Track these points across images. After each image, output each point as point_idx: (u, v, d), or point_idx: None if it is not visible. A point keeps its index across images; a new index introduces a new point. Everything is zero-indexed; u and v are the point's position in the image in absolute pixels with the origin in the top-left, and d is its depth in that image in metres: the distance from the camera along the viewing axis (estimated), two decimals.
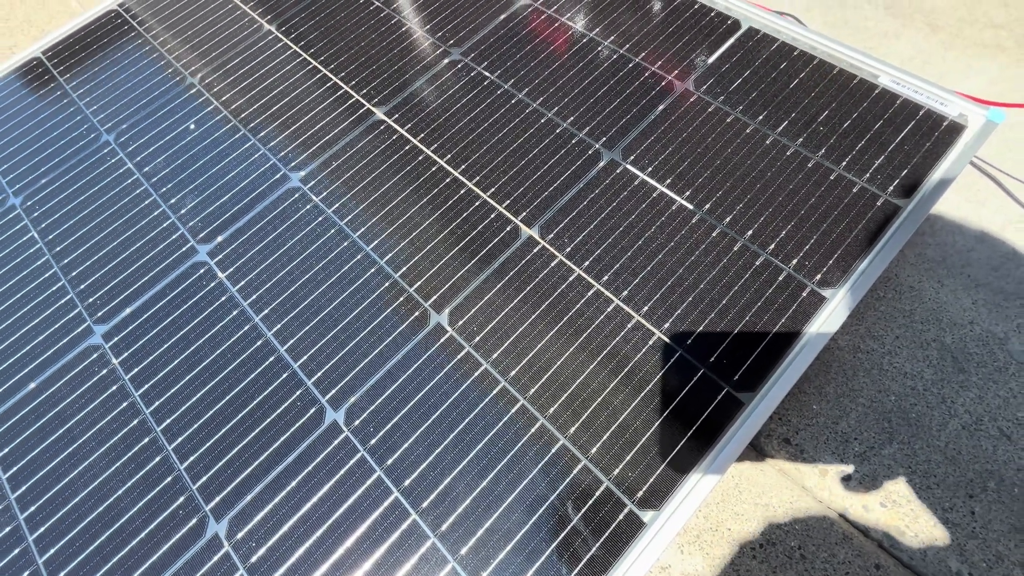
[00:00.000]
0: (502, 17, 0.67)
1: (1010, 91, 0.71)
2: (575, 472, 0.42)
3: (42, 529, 0.45)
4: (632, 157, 0.55)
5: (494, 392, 0.45)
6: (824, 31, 0.79)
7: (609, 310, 0.48)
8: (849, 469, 0.45)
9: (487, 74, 0.62)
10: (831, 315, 0.45)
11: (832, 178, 0.51)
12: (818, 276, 0.47)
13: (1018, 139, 0.64)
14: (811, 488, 0.45)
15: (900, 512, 0.43)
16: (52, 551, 0.44)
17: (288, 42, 0.70)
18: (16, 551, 0.44)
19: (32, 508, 0.46)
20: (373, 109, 0.62)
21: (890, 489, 0.44)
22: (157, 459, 0.46)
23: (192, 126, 0.65)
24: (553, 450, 0.43)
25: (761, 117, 0.55)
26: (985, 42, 0.76)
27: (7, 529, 0.45)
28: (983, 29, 0.77)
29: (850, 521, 0.43)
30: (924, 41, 0.77)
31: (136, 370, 0.50)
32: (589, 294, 0.49)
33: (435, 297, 0.50)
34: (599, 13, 0.65)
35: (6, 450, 0.49)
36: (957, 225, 0.58)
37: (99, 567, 0.43)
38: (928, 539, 0.42)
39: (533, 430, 0.44)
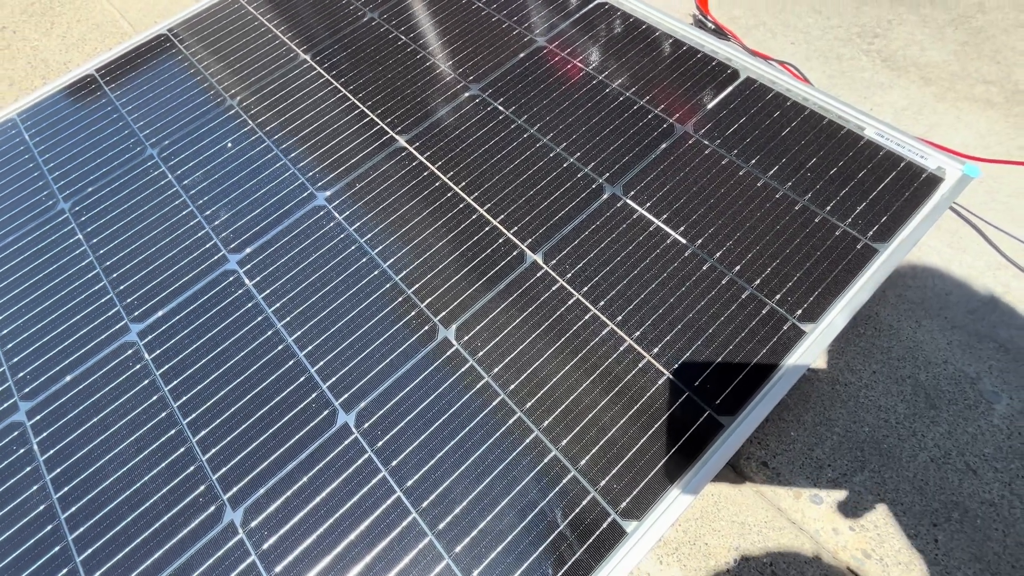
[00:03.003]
0: (520, 56, 0.73)
1: (997, 144, 0.75)
2: (564, 481, 0.45)
3: (73, 508, 0.49)
4: (633, 192, 0.59)
5: (493, 404, 0.49)
6: (822, 81, 0.83)
7: (604, 333, 0.52)
8: (822, 493, 0.48)
9: (502, 109, 0.68)
10: (809, 348, 0.49)
11: (816, 221, 0.55)
12: (799, 311, 0.51)
13: (1000, 190, 0.68)
14: (785, 510, 0.48)
15: (867, 536, 0.46)
16: (81, 529, 0.48)
17: (321, 71, 0.75)
18: (48, 527, 0.48)
19: (65, 488, 0.50)
20: (396, 137, 0.67)
21: (859, 514, 0.47)
22: (182, 449, 0.50)
23: (229, 144, 0.70)
24: (545, 460, 0.46)
25: (754, 161, 0.60)
26: (975, 96, 0.80)
27: (42, 507, 0.49)
28: (974, 84, 0.82)
29: (820, 543, 0.46)
30: (917, 92, 0.81)
31: (167, 367, 0.55)
32: (586, 317, 0.53)
33: (444, 313, 0.54)
34: (609, 57, 0.71)
35: (44, 435, 0.53)
36: (938, 269, 0.62)
37: (124, 546, 0.46)
38: (892, 563, 0.45)
39: (528, 441, 0.47)
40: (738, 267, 0.54)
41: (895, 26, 0.90)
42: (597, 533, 0.43)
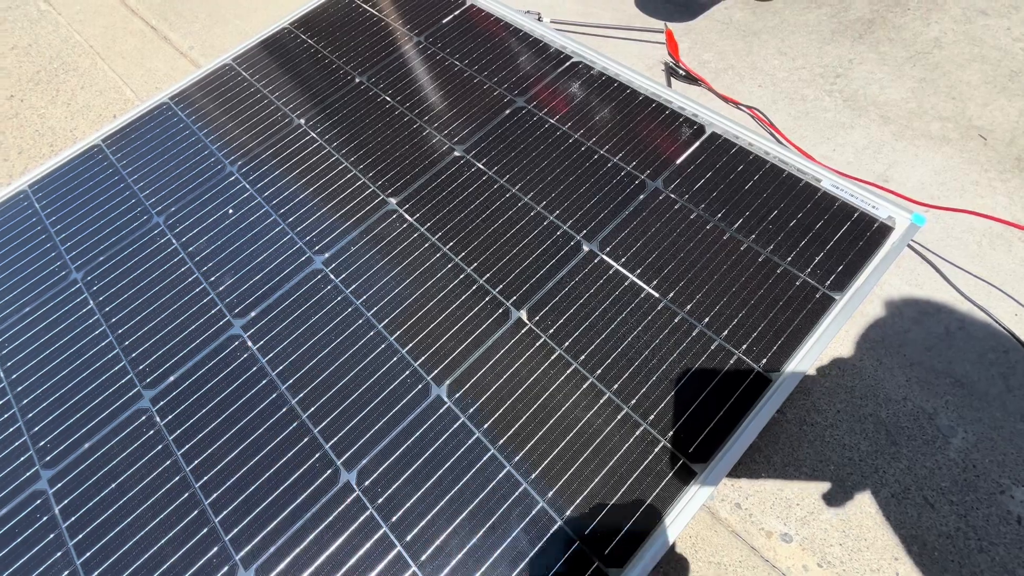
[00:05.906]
0: (501, 117, 0.77)
1: (952, 179, 0.79)
2: (552, 532, 0.49)
3: (96, 573, 0.52)
4: (609, 248, 0.64)
5: (484, 459, 0.53)
6: (787, 123, 0.88)
7: (585, 387, 0.56)
8: (791, 532, 0.52)
9: (485, 170, 0.72)
10: (774, 395, 0.53)
11: (779, 272, 0.59)
12: (764, 360, 0.55)
13: (954, 226, 0.72)
14: (759, 548, 0.51)
15: (834, 572, 0.49)
16: None
17: (315, 135, 0.80)
18: None
19: (87, 554, 0.53)
20: (387, 199, 0.72)
21: (826, 551, 0.50)
22: (195, 512, 0.54)
23: (230, 211, 0.75)
24: (533, 512, 0.50)
25: (720, 215, 0.64)
26: (932, 134, 0.85)
27: (66, 573, 0.53)
28: (931, 121, 0.87)
29: None
30: (877, 132, 0.86)
31: (179, 432, 0.59)
32: (568, 372, 0.57)
33: (436, 371, 0.58)
34: (584, 115, 0.75)
35: (66, 502, 0.57)
36: (897, 307, 0.66)
37: None
38: None
39: (516, 494, 0.51)
40: (707, 319, 0.58)
41: (856, 65, 0.95)
42: None
